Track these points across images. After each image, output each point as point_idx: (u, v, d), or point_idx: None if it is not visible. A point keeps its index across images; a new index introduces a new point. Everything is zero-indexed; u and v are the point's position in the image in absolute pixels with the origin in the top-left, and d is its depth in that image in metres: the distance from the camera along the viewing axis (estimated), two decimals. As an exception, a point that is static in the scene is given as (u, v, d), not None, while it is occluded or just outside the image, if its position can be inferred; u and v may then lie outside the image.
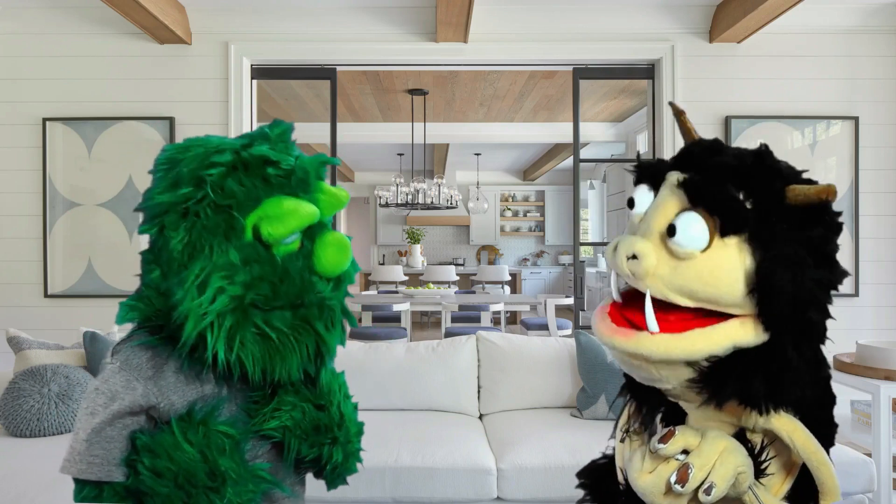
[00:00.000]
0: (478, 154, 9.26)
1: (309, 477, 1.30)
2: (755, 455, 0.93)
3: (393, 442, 2.32)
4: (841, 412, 2.85)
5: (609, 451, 1.23)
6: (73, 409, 2.41)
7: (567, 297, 5.90)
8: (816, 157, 3.73)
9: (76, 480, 1.02)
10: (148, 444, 1.01)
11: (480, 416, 2.84)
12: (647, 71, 3.87)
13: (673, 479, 0.88)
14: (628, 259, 0.90)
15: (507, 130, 6.98)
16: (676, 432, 0.91)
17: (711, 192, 0.88)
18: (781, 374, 0.87)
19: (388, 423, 2.52)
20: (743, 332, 0.87)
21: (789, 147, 3.73)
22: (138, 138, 3.66)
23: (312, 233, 1.07)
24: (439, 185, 7.22)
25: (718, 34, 3.63)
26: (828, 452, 0.93)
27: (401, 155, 9.05)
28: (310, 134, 6.60)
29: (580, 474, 1.23)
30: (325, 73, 3.88)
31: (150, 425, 1.06)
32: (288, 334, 1.02)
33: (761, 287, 0.85)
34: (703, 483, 0.87)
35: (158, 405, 1.05)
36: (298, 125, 7.29)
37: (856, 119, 3.71)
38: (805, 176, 0.95)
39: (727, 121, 3.71)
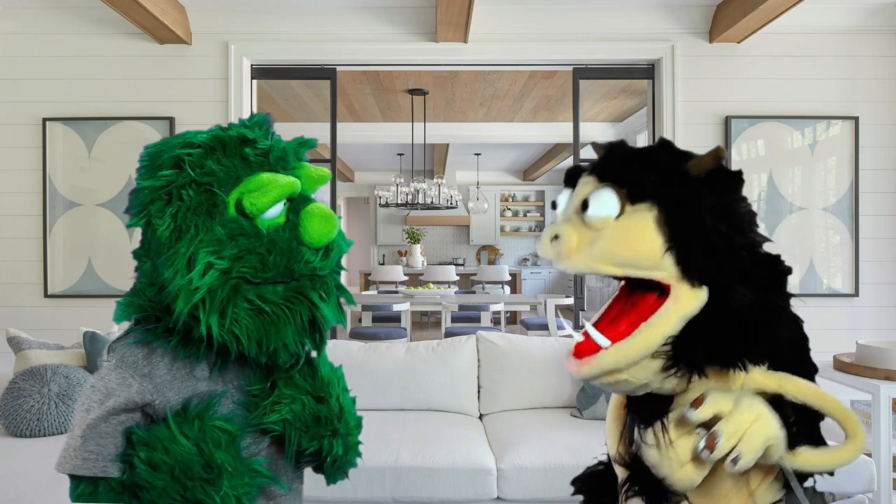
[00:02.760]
0: (478, 154, 9.26)
1: (307, 476, 1.30)
2: (789, 424, 0.92)
3: (393, 442, 2.32)
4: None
5: (604, 457, 1.23)
6: (72, 409, 2.41)
7: (567, 297, 5.90)
8: (816, 157, 3.73)
9: (71, 477, 1.03)
10: (144, 437, 1.02)
11: (480, 416, 2.84)
12: (647, 71, 3.87)
13: (701, 445, 0.87)
14: (551, 241, 0.95)
15: (507, 130, 6.98)
16: (708, 397, 0.90)
17: (617, 167, 0.95)
18: (737, 320, 0.90)
19: (388, 423, 2.52)
20: (682, 305, 0.90)
21: (789, 147, 3.73)
22: (138, 138, 3.65)
23: (297, 206, 1.09)
24: (439, 185, 7.22)
25: (718, 34, 3.63)
26: None
27: (401, 155, 9.05)
28: (310, 134, 6.49)
29: (576, 481, 1.23)
30: (325, 73, 3.88)
31: (145, 422, 1.07)
32: (281, 305, 1.03)
33: (673, 240, 0.89)
34: (730, 452, 0.86)
35: (153, 402, 1.05)
36: (298, 125, 7.33)
37: (856, 119, 3.71)
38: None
39: (727, 121, 3.71)
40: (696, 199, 0.90)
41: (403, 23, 3.71)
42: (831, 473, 0.99)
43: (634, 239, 0.90)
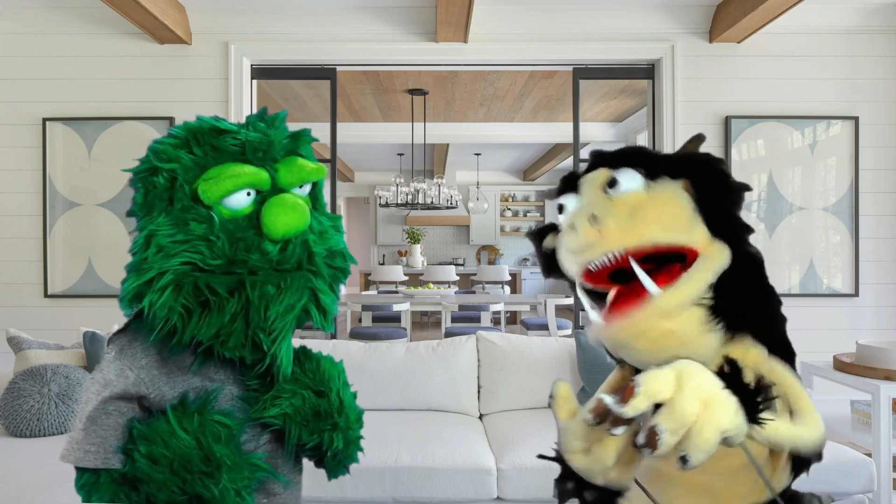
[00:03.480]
0: (478, 154, 9.26)
1: (308, 476, 1.30)
2: (750, 394, 0.78)
3: (393, 442, 2.32)
4: (841, 412, 2.85)
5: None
6: (73, 410, 2.41)
7: (567, 297, 5.90)
8: (816, 157, 3.73)
9: (76, 468, 1.04)
10: (144, 431, 1.03)
11: (480, 416, 2.84)
12: (647, 71, 3.87)
13: (640, 439, 0.71)
14: (589, 223, 0.95)
15: (507, 130, 6.98)
16: (639, 384, 0.72)
17: (630, 153, 1.01)
18: (753, 271, 0.97)
19: (388, 423, 2.52)
20: (716, 258, 0.95)
21: (789, 147, 3.73)
22: (138, 138, 3.66)
23: (266, 198, 1.07)
24: (439, 185, 7.22)
25: (718, 34, 3.63)
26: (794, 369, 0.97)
27: (401, 155, 9.05)
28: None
29: (558, 480, 1.21)
30: (325, 73, 3.88)
31: (144, 415, 1.08)
32: (224, 297, 1.01)
33: (702, 202, 0.96)
34: (677, 449, 0.71)
35: (149, 394, 1.06)
36: (298, 125, 7.32)
37: (856, 119, 3.71)
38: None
39: (727, 121, 3.70)
40: (724, 170, 0.98)
41: (403, 23, 3.71)
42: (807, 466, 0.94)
43: (668, 202, 0.95)
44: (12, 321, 3.56)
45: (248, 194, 1.05)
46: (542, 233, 1.09)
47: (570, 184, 1.06)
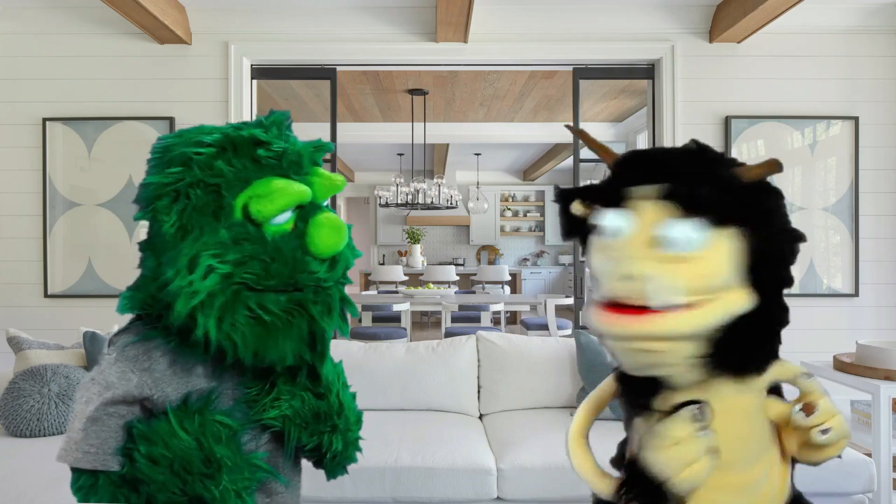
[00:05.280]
0: (478, 154, 9.26)
1: (307, 476, 1.30)
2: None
3: (393, 442, 2.32)
4: (841, 412, 2.85)
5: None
6: (72, 410, 2.41)
7: (567, 297, 5.90)
8: (816, 157, 3.73)
9: (73, 469, 1.03)
10: (144, 432, 1.02)
11: (480, 416, 2.84)
12: (647, 71, 3.87)
13: (797, 408, 0.97)
14: (632, 279, 0.89)
15: (507, 130, 6.98)
16: (820, 403, 0.99)
17: (690, 191, 0.90)
18: (776, 330, 0.97)
19: (388, 423, 2.52)
20: (735, 302, 0.91)
21: (789, 147, 3.74)
22: (138, 138, 3.66)
23: (306, 214, 1.06)
24: (439, 185, 7.22)
25: (718, 34, 3.63)
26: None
27: (401, 155, 9.04)
28: (310, 134, 6.50)
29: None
30: (325, 73, 3.88)
31: (145, 416, 1.07)
32: (282, 317, 1.01)
33: (758, 263, 0.91)
34: (820, 424, 0.95)
35: (152, 396, 1.05)
36: (298, 125, 7.30)
37: (856, 119, 3.71)
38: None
39: (727, 121, 3.71)
40: (786, 226, 0.95)
41: (403, 23, 3.71)
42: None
43: (718, 267, 0.90)
44: (12, 321, 3.55)
45: (291, 210, 1.05)
46: (570, 196, 1.02)
47: (610, 198, 0.96)
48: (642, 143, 6.25)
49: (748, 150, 3.73)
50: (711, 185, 0.91)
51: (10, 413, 2.35)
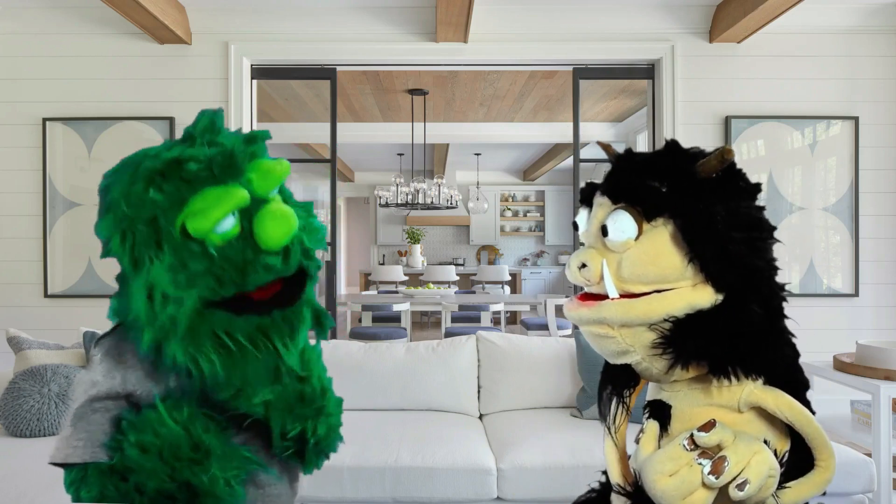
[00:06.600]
0: (478, 154, 9.26)
1: (307, 476, 1.30)
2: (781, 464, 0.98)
3: (393, 442, 2.31)
4: (841, 412, 2.85)
5: (596, 485, 1.22)
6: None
7: (567, 297, 5.90)
8: (816, 157, 3.73)
9: (65, 467, 1.04)
10: (133, 421, 1.03)
11: (480, 416, 2.84)
12: (647, 71, 3.87)
13: (706, 470, 0.92)
14: (579, 269, 1.01)
15: (507, 130, 6.98)
16: (717, 425, 0.95)
17: (625, 186, 1.00)
18: (742, 332, 0.95)
19: (388, 423, 2.51)
20: (697, 295, 0.95)
21: (789, 147, 3.74)
22: (138, 138, 3.66)
23: (250, 212, 1.05)
24: (439, 185, 7.22)
25: (718, 34, 3.63)
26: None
27: (401, 155, 9.04)
28: (310, 134, 6.60)
29: None
30: (325, 73, 3.88)
31: (133, 410, 1.08)
32: (245, 345, 1.02)
33: (693, 251, 0.95)
34: (735, 478, 0.91)
35: (136, 391, 1.07)
36: (298, 125, 7.28)
37: (856, 119, 3.71)
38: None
39: (727, 121, 3.71)
40: (710, 210, 0.95)
41: (403, 23, 3.71)
42: None
43: (657, 256, 0.96)
44: (12, 321, 3.56)
45: (233, 214, 1.04)
46: (591, 191, 1.11)
47: (586, 198, 1.09)
48: (642, 143, 6.24)
49: (748, 150, 3.73)
50: (654, 180, 0.99)
51: (10, 413, 2.35)
